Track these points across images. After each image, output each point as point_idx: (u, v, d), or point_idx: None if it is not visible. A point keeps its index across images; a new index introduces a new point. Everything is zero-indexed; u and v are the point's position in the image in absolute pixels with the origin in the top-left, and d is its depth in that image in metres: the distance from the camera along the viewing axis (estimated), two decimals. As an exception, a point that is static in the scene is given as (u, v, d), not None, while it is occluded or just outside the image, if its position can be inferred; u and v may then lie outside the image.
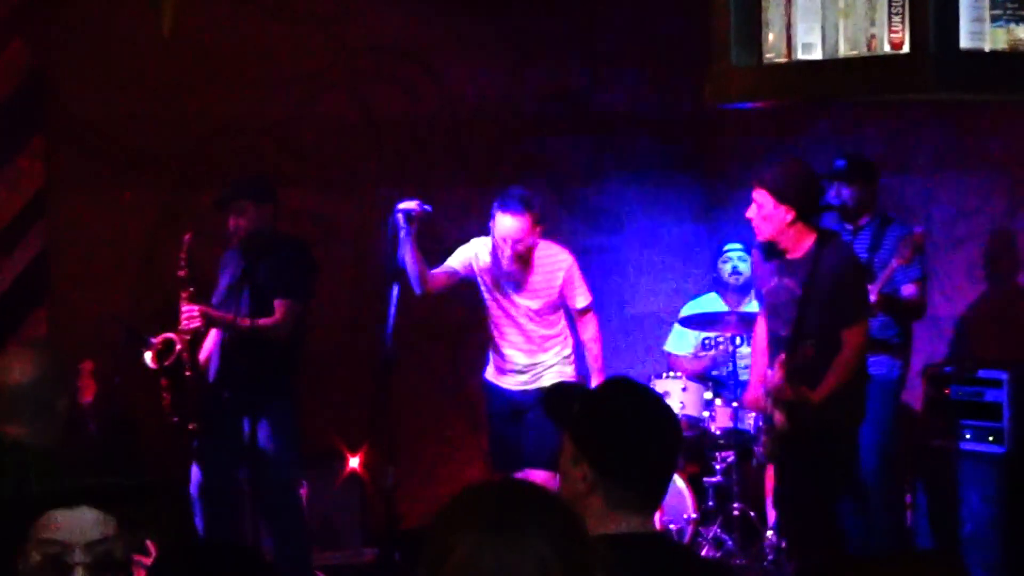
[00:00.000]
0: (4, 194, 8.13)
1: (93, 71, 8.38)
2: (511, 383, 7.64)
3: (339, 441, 8.54)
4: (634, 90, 9.47)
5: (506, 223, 7.34)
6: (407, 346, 7.74)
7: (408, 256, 7.30)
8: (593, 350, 7.64)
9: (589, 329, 7.64)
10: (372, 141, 9.00)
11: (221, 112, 8.64)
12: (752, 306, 8.18)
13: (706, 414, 8.25)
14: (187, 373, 7.26)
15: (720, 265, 8.84)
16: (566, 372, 7.64)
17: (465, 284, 7.64)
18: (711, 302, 8.84)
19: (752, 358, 7.38)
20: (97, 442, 7.66)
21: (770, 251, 6.94)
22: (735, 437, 8.16)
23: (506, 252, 7.37)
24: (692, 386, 8.36)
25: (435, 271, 7.53)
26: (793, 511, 7.05)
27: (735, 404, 8.17)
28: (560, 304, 7.61)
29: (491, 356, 7.75)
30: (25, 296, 8.19)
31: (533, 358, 7.59)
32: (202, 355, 7.52)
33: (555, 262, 7.53)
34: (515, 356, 7.61)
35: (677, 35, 9.00)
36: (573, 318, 7.69)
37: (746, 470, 8.31)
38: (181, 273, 7.28)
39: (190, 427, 7.27)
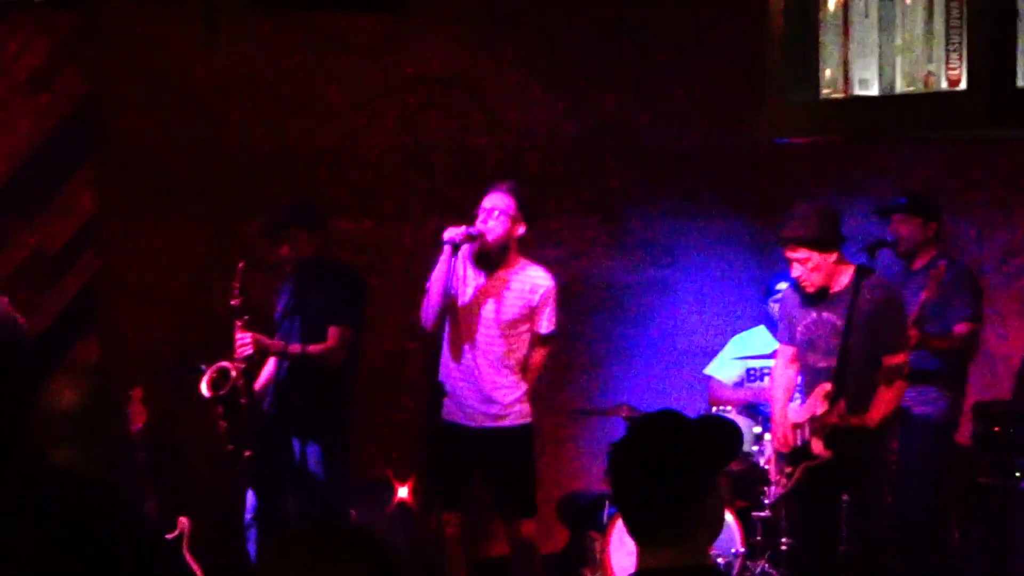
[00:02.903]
0: (55, 221, 8.17)
1: (144, 99, 8.42)
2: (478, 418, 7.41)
3: (388, 471, 8.53)
4: (685, 123, 9.45)
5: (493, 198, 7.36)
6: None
7: (438, 283, 7.15)
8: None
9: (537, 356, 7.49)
10: (421, 171, 9.01)
11: (271, 141, 8.67)
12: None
13: (755, 448, 8.21)
14: (242, 401, 7.27)
15: (770, 303, 8.80)
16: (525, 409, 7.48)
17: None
18: (760, 335, 8.81)
19: (773, 398, 7.42)
20: (146, 469, 7.67)
21: (819, 294, 7.01)
22: (784, 472, 8.11)
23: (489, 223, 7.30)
24: (741, 420, 8.30)
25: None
26: (854, 541, 7.05)
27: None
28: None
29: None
30: (75, 323, 8.21)
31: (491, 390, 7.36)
32: (259, 383, 7.53)
33: (533, 279, 7.43)
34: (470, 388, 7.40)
35: (728, 69, 8.99)
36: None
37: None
38: (235, 302, 7.29)
39: (246, 454, 7.28)
